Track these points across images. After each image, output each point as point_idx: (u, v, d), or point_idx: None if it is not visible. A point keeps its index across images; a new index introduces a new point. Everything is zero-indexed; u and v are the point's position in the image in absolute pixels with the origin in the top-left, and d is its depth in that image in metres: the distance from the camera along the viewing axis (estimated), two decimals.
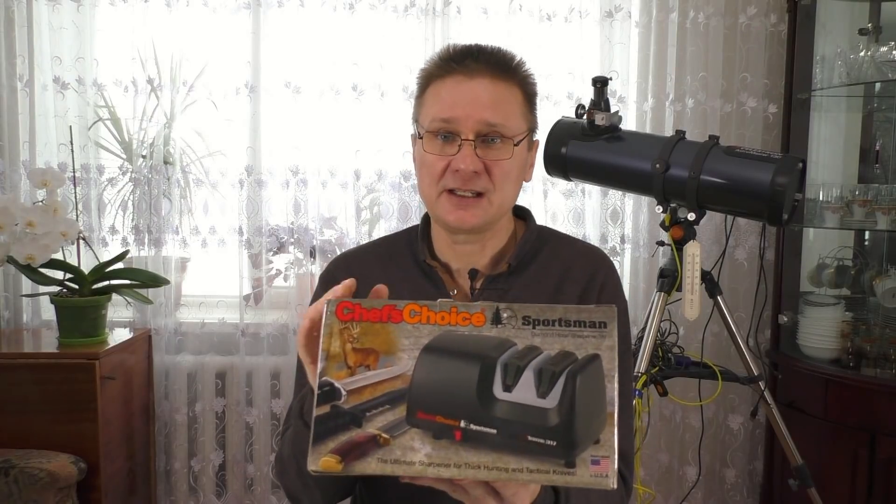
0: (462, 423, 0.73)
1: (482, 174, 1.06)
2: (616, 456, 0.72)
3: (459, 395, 0.74)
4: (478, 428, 0.73)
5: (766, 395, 1.92)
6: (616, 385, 0.74)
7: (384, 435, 0.73)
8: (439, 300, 0.79)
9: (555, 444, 0.72)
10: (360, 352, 0.77)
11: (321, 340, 0.78)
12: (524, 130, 1.10)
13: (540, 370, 0.74)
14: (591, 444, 0.72)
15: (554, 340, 0.75)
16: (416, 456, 0.73)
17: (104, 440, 2.13)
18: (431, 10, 2.48)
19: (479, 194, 1.07)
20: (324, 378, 0.76)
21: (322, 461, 0.73)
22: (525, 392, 0.74)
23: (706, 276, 1.85)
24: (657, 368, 1.86)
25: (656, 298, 1.85)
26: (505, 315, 0.77)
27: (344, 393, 0.76)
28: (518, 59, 1.11)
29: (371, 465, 0.72)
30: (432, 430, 0.74)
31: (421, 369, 0.75)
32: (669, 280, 1.82)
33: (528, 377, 0.74)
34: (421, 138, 1.09)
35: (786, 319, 2.40)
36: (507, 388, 0.74)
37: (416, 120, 1.14)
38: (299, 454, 1.01)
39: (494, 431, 0.73)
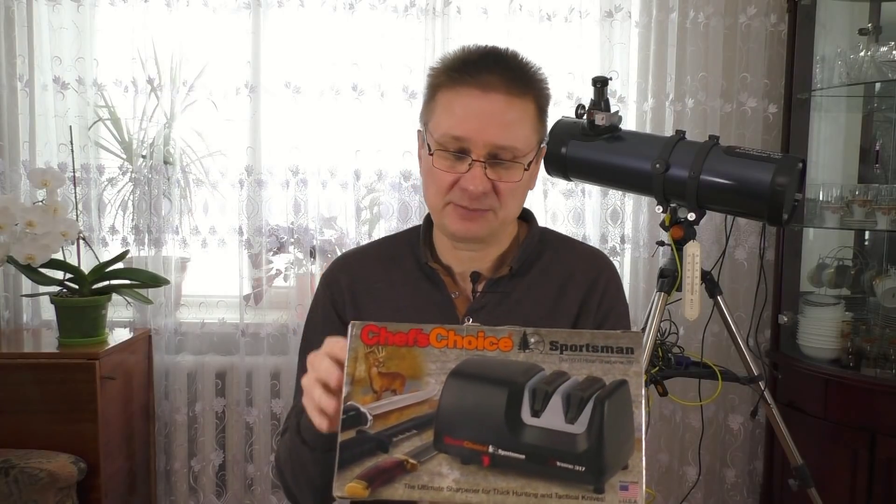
0: (490, 449, 0.73)
1: (490, 193, 1.04)
2: (644, 481, 0.71)
3: (487, 421, 0.74)
4: (506, 453, 0.73)
5: (766, 395, 1.92)
6: (643, 411, 0.73)
7: (411, 460, 0.73)
8: (466, 324, 0.79)
9: (583, 469, 0.71)
10: (386, 376, 0.76)
11: (346, 364, 0.77)
12: (534, 146, 1.08)
13: (568, 395, 0.74)
14: (619, 470, 0.71)
15: (581, 366, 0.75)
16: (443, 482, 0.72)
17: (104, 440, 2.13)
18: (431, 10, 2.48)
19: (484, 210, 1.06)
20: (349, 403, 0.76)
21: (348, 487, 0.72)
22: (553, 417, 0.73)
23: (706, 276, 1.85)
24: (657, 368, 1.86)
25: (656, 298, 1.85)
26: (532, 340, 0.76)
27: (370, 418, 0.75)
28: (534, 67, 1.08)
29: (398, 491, 0.72)
30: (460, 455, 0.73)
31: (448, 394, 0.75)
32: (669, 280, 1.82)
33: (556, 402, 0.74)
34: (432, 153, 1.06)
35: (786, 319, 2.40)
36: (536, 413, 0.74)
37: (424, 123, 1.11)
38: (297, 467, 1.03)
39: (523, 457, 0.73)
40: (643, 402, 0.74)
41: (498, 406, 0.74)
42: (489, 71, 1.03)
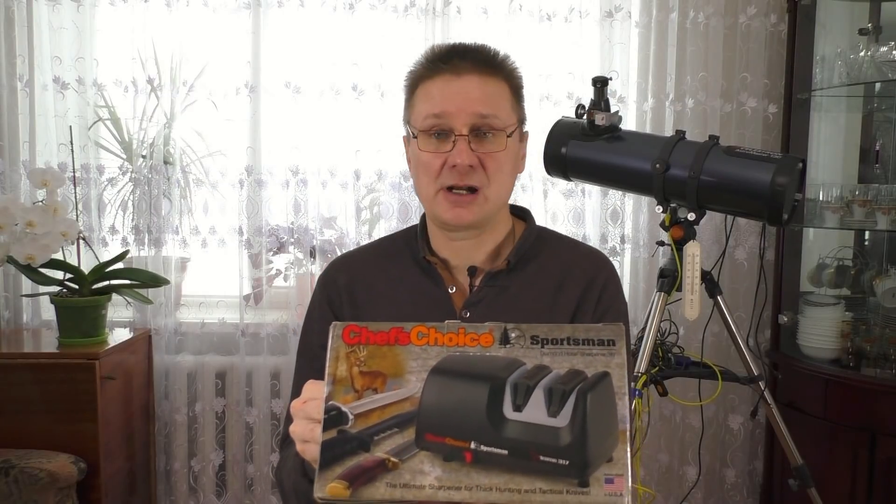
0: (472, 445, 0.72)
1: (477, 168, 1.07)
2: (629, 474, 0.70)
3: (469, 417, 0.73)
4: (488, 449, 0.72)
5: (766, 395, 1.92)
6: (627, 402, 0.73)
7: (393, 459, 0.72)
8: (447, 321, 0.78)
9: (567, 463, 0.71)
10: (368, 375, 0.76)
11: (327, 364, 0.77)
12: (514, 122, 1.12)
13: (550, 389, 0.73)
14: (604, 463, 0.70)
15: (563, 359, 0.75)
16: (425, 479, 0.71)
17: (104, 440, 2.13)
18: (431, 10, 2.48)
19: (474, 190, 1.08)
20: (330, 402, 0.75)
21: (329, 488, 0.71)
22: (535, 411, 0.73)
23: (706, 276, 1.85)
24: (657, 368, 1.86)
25: (656, 298, 1.85)
26: (513, 335, 0.76)
27: (351, 417, 0.75)
28: (502, 54, 1.12)
29: (380, 490, 0.71)
30: (442, 452, 0.73)
31: (429, 391, 0.75)
32: (669, 280, 1.82)
33: (538, 396, 0.73)
34: (415, 138, 1.10)
35: (786, 319, 2.40)
36: (518, 407, 0.73)
37: (407, 122, 1.15)
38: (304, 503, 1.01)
39: (506, 452, 0.72)
40: (627, 393, 0.73)
41: (479, 402, 0.73)
42: (460, 57, 1.08)
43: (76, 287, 2.22)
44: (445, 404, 0.74)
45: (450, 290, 1.14)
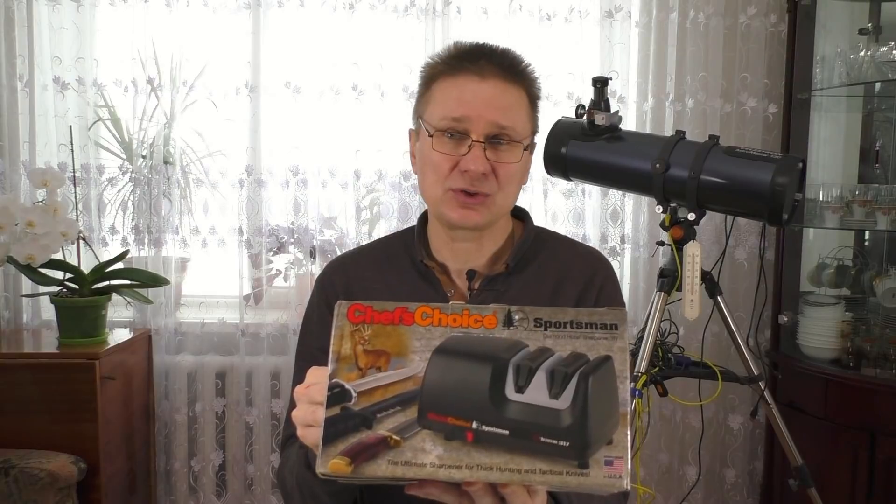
0: (474, 425, 0.73)
1: (489, 175, 1.06)
2: (629, 456, 0.71)
3: (471, 397, 0.74)
4: (490, 429, 0.73)
5: (766, 395, 1.92)
6: (628, 386, 0.73)
7: (395, 436, 0.73)
8: (451, 302, 0.79)
9: (567, 444, 0.71)
10: (372, 353, 0.77)
11: (331, 342, 0.78)
12: (529, 134, 1.11)
13: (552, 371, 0.74)
14: (604, 445, 0.71)
15: (565, 342, 0.75)
16: (427, 457, 0.72)
17: (104, 440, 2.13)
18: (431, 10, 2.48)
19: (483, 194, 1.07)
20: (334, 380, 0.76)
21: (331, 464, 0.72)
22: (537, 393, 0.73)
23: (706, 276, 1.85)
24: (657, 368, 1.86)
25: (656, 298, 1.85)
26: (517, 317, 0.77)
27: (354, 394, 0.75)
28: (526, 62, 1.12)
29: (381, 468, 0.72)
30: (444, 431, 0.73)
31: (433, 370, 0.75)
32: (669, 280, 1.82)
33: (540, 378, 0.74)
34: (431, 136, 1.08)
35: (786, 319, 2.40)
36: (520, 389, 0.74)
37: (419, 116, 1.12)
38: (309, 499, 1.00)
39: (507, 432, 0.72)
40: (628, 377, 0.74)
41: (482, 382, 0.74)
42: (486, 59, 1.07)
43: (76, 287, 2.22)
44: (448, 384, 0.74)
45: (448, 294, 1.14)
